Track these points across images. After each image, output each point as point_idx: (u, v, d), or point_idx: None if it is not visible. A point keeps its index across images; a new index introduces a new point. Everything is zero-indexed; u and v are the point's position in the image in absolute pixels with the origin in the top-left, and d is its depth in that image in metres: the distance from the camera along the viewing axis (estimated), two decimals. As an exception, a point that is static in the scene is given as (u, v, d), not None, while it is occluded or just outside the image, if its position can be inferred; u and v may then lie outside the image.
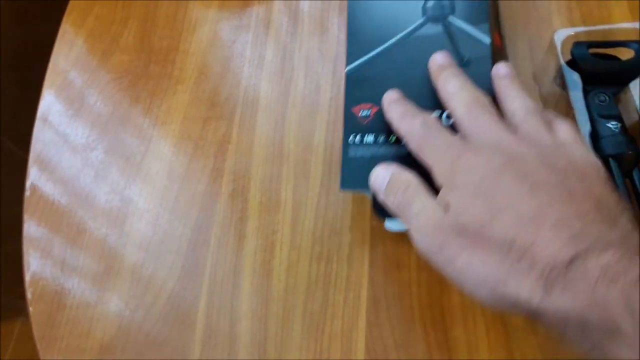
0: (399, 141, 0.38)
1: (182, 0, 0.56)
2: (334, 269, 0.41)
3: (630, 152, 0.37)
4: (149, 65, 0.52)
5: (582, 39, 0.42)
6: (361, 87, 0.41)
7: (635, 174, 0.38)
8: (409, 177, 0.33)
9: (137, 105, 0.50)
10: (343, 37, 0.51)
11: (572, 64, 0.41)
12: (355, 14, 0.43)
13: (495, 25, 0.43)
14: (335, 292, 0.40)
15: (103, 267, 0.43)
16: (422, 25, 0.41)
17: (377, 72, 0.41)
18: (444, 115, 0.37)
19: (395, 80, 0.39)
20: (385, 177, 0.34)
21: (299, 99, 0.49)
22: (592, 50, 0.41)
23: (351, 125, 0.40)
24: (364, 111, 0.40)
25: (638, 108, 0.38)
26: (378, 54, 0.41)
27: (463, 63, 0.38)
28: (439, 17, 0.40)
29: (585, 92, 0.40)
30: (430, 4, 0.41)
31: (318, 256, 0.42)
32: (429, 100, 0.37)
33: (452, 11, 0.40)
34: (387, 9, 0.43)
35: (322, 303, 0.40)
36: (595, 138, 0.38)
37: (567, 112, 0.39)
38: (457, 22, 0.40)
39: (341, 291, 0.40)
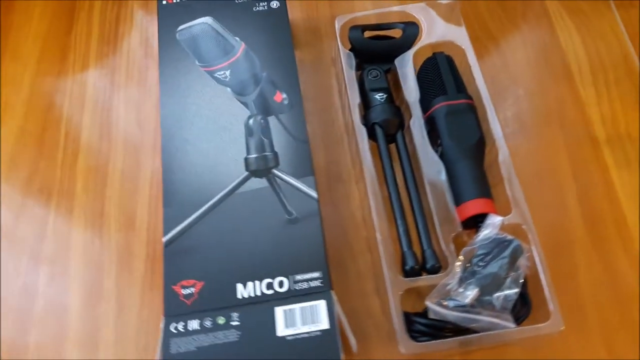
0: (228, 324, 0.34)
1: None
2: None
3: (394, 119, 0.43)
4: (-47, 153, 0.48)
5: (362, 22, 0.46)
6: (182, 259, 0.35)
7: (399, 138, 0.43)
8: None
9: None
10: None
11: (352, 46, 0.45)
12: (171, 169, 0.38)
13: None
14: (162, 383, 0.40)
15: None
16: (245, 180, 0.37)
17: (198, 239, 0.36)
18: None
19: (220, 247, 0.35)
20: None
21: (118, 178, 0.47)
22: (371, 34, 0.46)
23: (173, 307, 0.34)
24: (186, 289, 0.35)
25: (402, 81, 0.43)
26: (198, 218, 0.36)
27: (291, 219, 0.36)
28: (262, 171, 0.37)
29: (362, 70, 0.45)
30: (252, 157, 0.38)
31: (144, 347, 0.42)
32: (260, 267, 0.35)
33: (277, 164, 0.38)
34: (206, 164, 0.38)
35: (150, 397, 0.40)
36: (366, 108, 0.43)
37: (345, 89, 0.43)
38: (282, 175, 0.38)
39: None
